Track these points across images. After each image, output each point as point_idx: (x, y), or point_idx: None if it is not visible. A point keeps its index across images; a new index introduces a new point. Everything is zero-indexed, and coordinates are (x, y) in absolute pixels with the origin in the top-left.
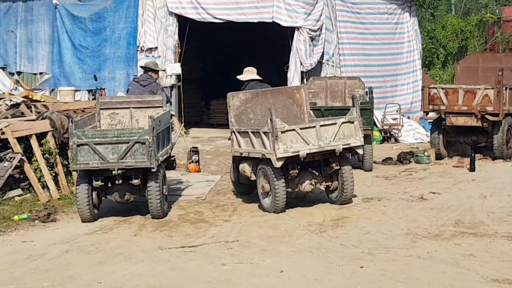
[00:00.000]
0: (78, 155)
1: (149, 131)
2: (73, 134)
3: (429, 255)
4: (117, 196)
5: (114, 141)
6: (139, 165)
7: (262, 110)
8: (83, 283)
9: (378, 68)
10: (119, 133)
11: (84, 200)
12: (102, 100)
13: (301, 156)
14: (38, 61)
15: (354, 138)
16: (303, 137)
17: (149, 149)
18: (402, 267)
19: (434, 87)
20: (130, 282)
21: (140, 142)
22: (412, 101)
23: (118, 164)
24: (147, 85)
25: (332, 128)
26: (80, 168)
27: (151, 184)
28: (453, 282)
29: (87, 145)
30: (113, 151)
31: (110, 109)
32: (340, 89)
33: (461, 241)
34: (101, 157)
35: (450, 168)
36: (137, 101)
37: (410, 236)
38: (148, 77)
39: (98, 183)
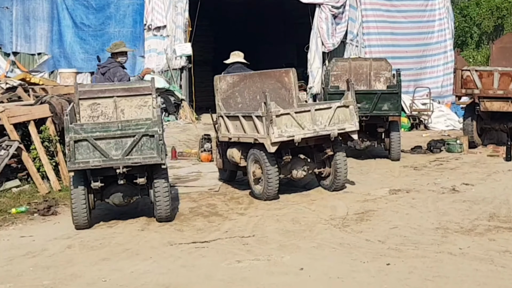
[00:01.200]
0: (76, 153)
1: (158, 121)
2: (69, 128)
3: (461, 252)
4: (116, 198)
5: (118, 135)
6: (147, 162)
7: (250, 94)
8: (86, 281)
9: (407, 49)
10: (124, 125)
11: (81, 204)
12: (82, 88)
13: (296, 141)
14: (36, 41)
15: (349, 123)
16: (298, 121)
17: (159, 143)
18: (432, 265)
19: (467, 69)
20: (138, 281)
21: (149, 135)
22: (443, 84)
23: (124, 161)
24: (106, 72)
25: (327, 113)
26: (79, 168)
27: (159, 182)
28: (487, 281)
29: (86, 140)
30: (117, 146)
31: (91, 98)
32: (365, 72)
33: (496, 236)
34: (103, 154)
35: (485, 158)
36: (122, 89)
37: (441, 231)
38: (108, 62)
39: (97, 184)
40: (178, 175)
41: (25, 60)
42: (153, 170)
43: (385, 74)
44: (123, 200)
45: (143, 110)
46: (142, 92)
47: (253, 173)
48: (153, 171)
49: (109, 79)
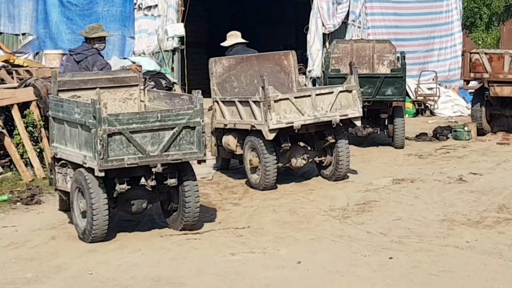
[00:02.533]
0: (109, 148)
1: (201, 111)
2: (102, 120)
3: (468, 245)
4: (135, 204)
5: (157, 127)
6: (187, 158)
7: (247, 78)
8: (71, 274)
9: (412, 30)
10: (164, 116)
11: (103, 213)
12: (61, 78)
13: (295, 128)
14: (21, 20)
15: (352, 109)
16: (298, 107)
17: (201, 136)
18: (437, 258)
19: (476, 52)
20: (126, 274)
21: (190, 127)
22: (450, 68)
23: (162, 158)
24: (82, 61)
25: (328, 98)
26: (113, 167)
27: (189, 183)
28: (495, 276)
29: (121, 134)
30: (153, 140)
31: (71, 90)
32: (367, 54)
33: (506, 229)
34: (139, 149)
35: (494, 146)
36: (106, 79)
37: (447, 223)
38: (84, 48)
39: (124, 186)
40: None
41: (9, 41)
42: (180, 168)
43: (389, 57)
44: (141, 207)
45: (127, 104)
46: (128, 83)
47: (250, 161)
48: (181, 170)
49: (86, 69)
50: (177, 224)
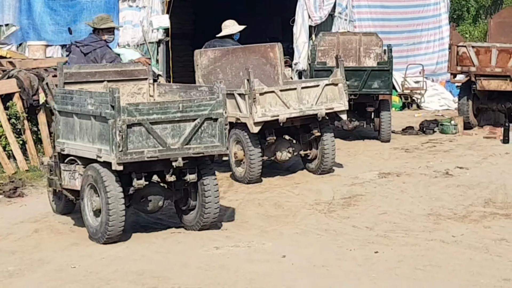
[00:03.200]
0: (128, 140)
1: (223, 101)
2: (122, 109)
3: (454, 239)
4: (152, 202)
5: (178, 119)
6: (209, 152)
7: (233, 70)
8: (54, 267)
9: (398, 23)
10: (185, 106)
11: (120, 212)
12: (68, 70)
13: (280, 121)
14: (4, 11)
15: (337, 102)
16: (283, 100)
17: (224, 128)
18: (423, 253)
19: (463, 45)
20: (109, 267)
21: (212, 119)
22: (437, 61)
23: (183, 151)
24: (90, 53)
25: (314, 91)
26: (132, 160)
27: (209, 180)
28: (481, 271)
29: (141, 125)
30: (174, 133)
31: (78, 83)
32: (354, 47)
33: (492, 224)
34: (159, 142)
35: (481, 140)
36: (114, 72)
37: (433, 217)
38: (92, 40)
39: (141, 182)
40: None
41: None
42: (200, 163)
43: (376, 50)
44: (158, 205)
45: (136, 98)
46: (137, 76)
47: (235, 154)
48: (200, 165)
49: (95, 61)
50: (195, 223)
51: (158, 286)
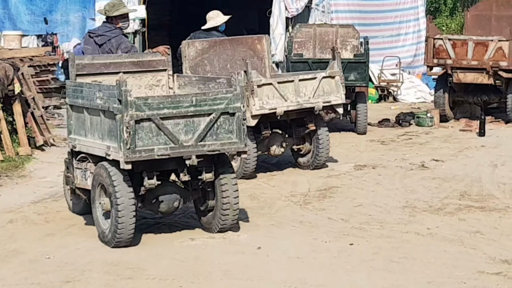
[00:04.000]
0: (136, 137)
1: (241, 95)
2: (129, 104)
3: (429, 232)
4: (165, 203)
5: (191, 113)
6: (226, 149)
7: (220, 62)
8: (29, 257)
9: (375, 15)
10: (199, 100)
11: (130, 214)
12: (80, 61)
13: (278, 114)
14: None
15: (334, 95)
16: (281, 92)
17: (242, 123)
18: (398, 245)
19: (440, 38)
20: (84, 258)
21: (228, 113)
22: (414, 54)
23: (197, 148)
24: (105, 43)
25: (311, 83)
26: (141, 158)
27: (227, 179)
28: (456, 263)
29: (151, 120)
30: (187, 129)
31: (91, 75)
32: (330, 39)
33: (467, 216)
34: (171, 138)
35: (457, 132)
36: (130, 63)
37: (408, 210)
38: (106, 29)
39: (153, 181)
40: None
41: None
42: (216, 161)
43: (352, 42)
44: (172, 206)
45: (154, 91)
46: (155, 67)
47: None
48: (217, 163)
49: (110, 53)
50: (214, 225)
51: (133, 277)
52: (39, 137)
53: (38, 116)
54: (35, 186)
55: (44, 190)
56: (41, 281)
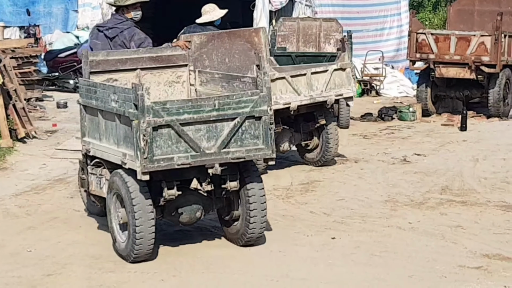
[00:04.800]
0: (154, 145)
1: (268, 97)
2: (146, 109)
3: (410, 226)
4: (187, 213)
5: (213, 118)
6: (252, 156)
7: (218, 56)
8: (9, 251)
9: (359, 9)
10: (222, 103)
11: (149, 227)
12: (94, 57)
13: (292, 109)
14: None
15: (346, 88)
16: (294, 86)
17: (268, 128)
18: (379, 239)
19: (423, 32)
20: (65, 251)
21: (254, 117)
22: (397, 48)
23: (220, 156)
24: (117, 36)
25: (323, 76)
26: (160, 168)
27: (254, 188)
28: (437, 257)
29: (170, 127)
30: (209, 135)
31: (107, 72)
32: (314, 33)
33: (448, 211)
34: (191, 146)
35: (438, 127)
36: (148, 58)
37: (390, 204)
38: (117, 21)
39: (173, 192)
40: None
41: None
42: (242, 168)
43: (336, 36)
44: (194, 217)
45: (175, 88)
46: (175, 62)
47: None
48: (243, 171)
49: (123, 46)
50: (239, 237)
51: (115, 270)
52: (21, 129)
53: (20, 108)
54: (17, 178)
55: (26, 182)
56: (22, 274)
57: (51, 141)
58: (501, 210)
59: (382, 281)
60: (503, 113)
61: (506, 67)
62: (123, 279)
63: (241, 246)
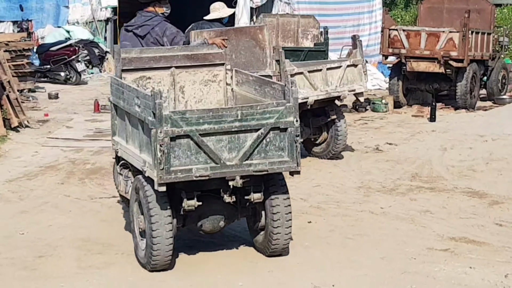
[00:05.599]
0: (172, 155)
1: (294, 107)
2: (164, 118)
3: (382, 211)
4: (209, 222)
5: (236, 129)
6: (276, 169)
7: (226, 52)
8: (3, 234)
9: (335, 6)
10: (245, 114)
11: (167, 237)
12: (126, 55)
13: (309, 103)
14: None
15: (358, 83)
16: (311, 81)
17: (294, 140)
18: (353, 223)
19: (395, 28)
20: (56, 234)
21: (279, 129)
22: (369, 43)
23: (242, 168)
24: (148, 34)
25: (337, 72)
26: (177, 180)
27: (279, 200)
28: (407, 240)
29: (189, 137)
30: (231, 146)
31: (139, 70)
32: (292, 28)
33: (418, 196)
34: (212, 157)
35: (409, 118)
36: (183, 56)
37: (363, 190)
38: (146, 18)
39: (192, 202)
40: (101, 128)
41: None
42: (267, 180)
43: (313, 32)
44: (218, 226)
45: (210, 87)
46: (212, 61)
47: None
48: (268, 182)
49: (156, 43)
50: (265, 248)
51: (103, 252)
52: (14, 119)
53: (13, 99)
54: (10, 165)
55: (18, 169)
56: (15, 256)
57: (42, 130)
58: (467, 196)
59: (355, 262)
60: (470, 105)
61: (473, 61)
62: (111, 260)
63: (267, 257)
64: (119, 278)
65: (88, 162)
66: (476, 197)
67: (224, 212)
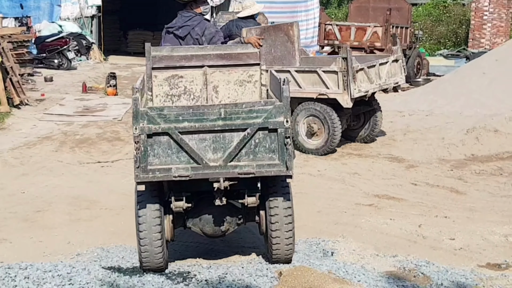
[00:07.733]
0: (150, 154)
1: (285, 106)
2: (140, 114)
3: (319, 173)
4: (209, 225)
5: (219, 128)
6: (264, 172)
7: (266, 47)
8: (8, 192)
9: (282, 5)
10: (230, 112)
11: (154, 237)
12: (157, 53)
13: (368, 96)
14: None
15: (399, 77)
16: (368, 76)
17: (285, 142)
18: (295, 184)
19: (330, 23)
20: (51, 193)
21: (268, 129)
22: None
23: (226, 169)
24: (188, 34)
25: (385, 67)
26: (154, 179)
27: (278, 206)
28: (339, 197)
29: (168, 135)
30: (216, 146)
31: (170, 68)
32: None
33: (348, 161)
34: (193, 157)
35: None
36: (216, 55)
37: (303, 156)
38: (186, 18)
39: (181, 204)
40: (88, 106)
41: None
42: (268, 182)
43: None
44: (219, 229)
45: (245, 87)
46: (246, 61)
47: (310, 127)
48: (268, 185)
49: (197, 44)
50: (268, 254)
51: (90, 207)
52: (16, 98)
53: (15, 81)
54: (12, 136)
55: (20, 139)
56: (17, 211)
57: (40, 107)
58: (389, 161)
59: (296, 215)
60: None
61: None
62: (97, 214)
63: (271, 264)
64: (102, 229)
65: (78, 133)
66: (396, 161)
67: (225, 215)
